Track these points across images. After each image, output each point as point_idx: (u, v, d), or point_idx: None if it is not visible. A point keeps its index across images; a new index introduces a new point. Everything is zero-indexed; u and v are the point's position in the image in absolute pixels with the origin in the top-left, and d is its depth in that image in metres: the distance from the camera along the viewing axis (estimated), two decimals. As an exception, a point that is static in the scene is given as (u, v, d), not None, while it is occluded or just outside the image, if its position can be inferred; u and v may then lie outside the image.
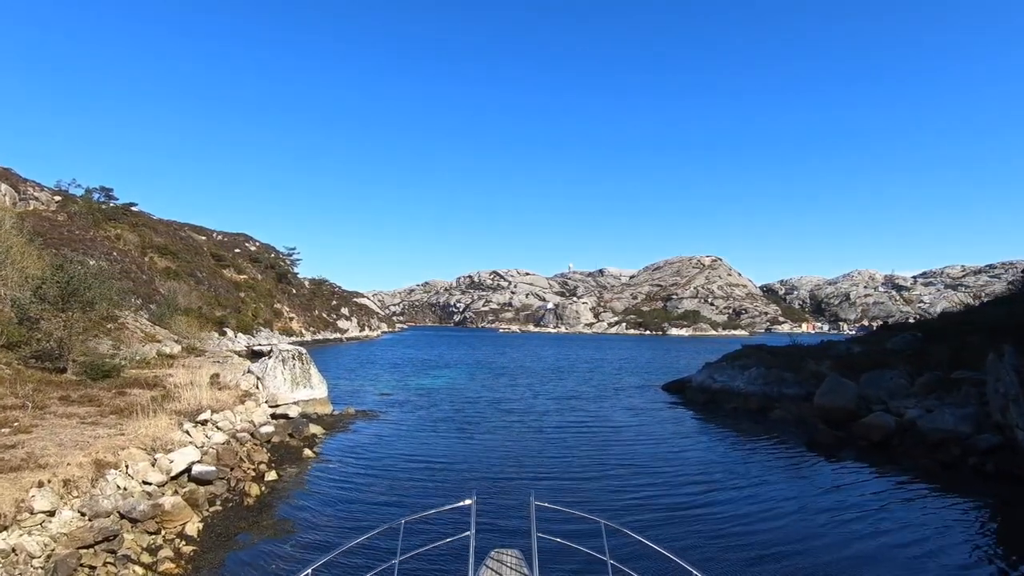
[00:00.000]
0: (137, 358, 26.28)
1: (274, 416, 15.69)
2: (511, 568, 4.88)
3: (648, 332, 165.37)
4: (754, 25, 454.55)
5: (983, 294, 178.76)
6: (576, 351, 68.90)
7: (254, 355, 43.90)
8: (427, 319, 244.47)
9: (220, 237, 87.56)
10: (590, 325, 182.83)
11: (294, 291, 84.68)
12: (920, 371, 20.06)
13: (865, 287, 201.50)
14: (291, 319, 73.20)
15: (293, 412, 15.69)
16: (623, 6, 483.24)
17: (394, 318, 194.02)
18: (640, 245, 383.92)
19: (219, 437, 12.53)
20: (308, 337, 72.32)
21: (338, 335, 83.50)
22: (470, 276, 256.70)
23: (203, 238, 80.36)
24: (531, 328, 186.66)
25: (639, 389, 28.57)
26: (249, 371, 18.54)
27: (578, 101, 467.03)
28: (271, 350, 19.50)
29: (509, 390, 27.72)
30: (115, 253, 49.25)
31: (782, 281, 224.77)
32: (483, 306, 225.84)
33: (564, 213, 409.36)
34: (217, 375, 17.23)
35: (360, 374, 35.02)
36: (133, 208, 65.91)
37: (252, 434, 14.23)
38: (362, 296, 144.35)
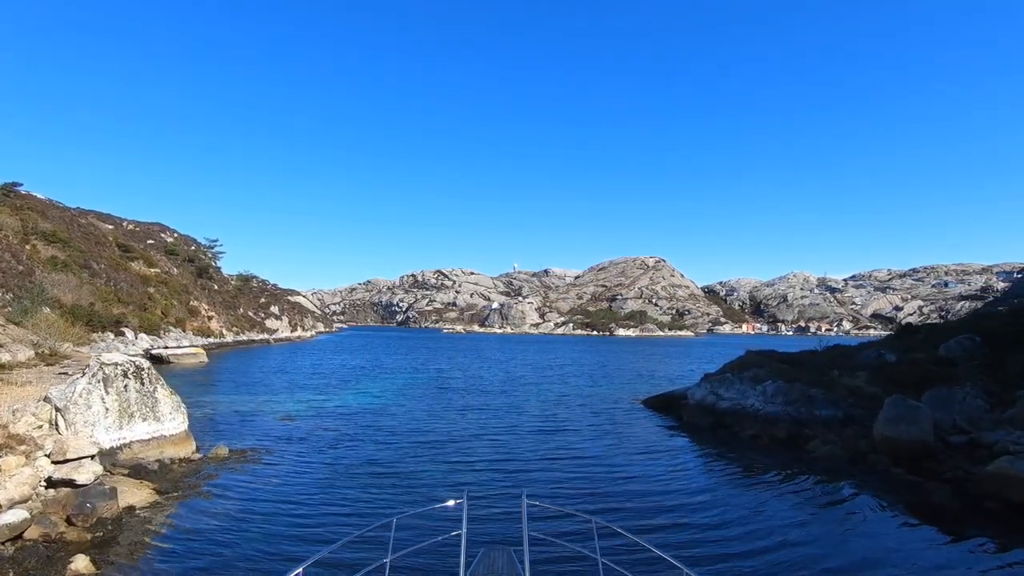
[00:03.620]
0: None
1: (52, 482, 9.04)
2: (502, 566, 4.87)
3: (595, 332, 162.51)
4: (700, 27, 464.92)
5: (910, 296, 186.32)
6: (528, 355, 63.14)
7: (155, 360, 36.13)
8: (369, 319, 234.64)
9: (131, 227, 78.07)
10: (536, 325, 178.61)
11: (216, 287, 76.16)
12: (999, 389, 15.37)
13: (801, 289, 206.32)
14: (210, 318, 65.03)
15: (84, 475, 8.90)
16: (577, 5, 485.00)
17: (334, 317, 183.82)
18: (585, 245, 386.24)
19: None
20: (229, 338, 64.85)
21: (265, 336, 75.63)
22: (413, 275, 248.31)
23: (110, 227, 70.83)
24: (476, 328, 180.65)
25: (626, 412, 22.40)
26: (46, 398, 11.69)
27: (522, 100, 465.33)
28: (88, 365, 12.66)
29: (459, 417, 20.64)
30: (-18, 238, 40.68)
31: (722, 282, 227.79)
32: (427, 305, 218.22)
33: (508, 214, 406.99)
34: (-25, 408, 10.41)
35: (266, 387, 27.65)
36: (17, 189, 56.50)
37: (-17, 528, 7.70)
38: (298, 294, 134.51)
